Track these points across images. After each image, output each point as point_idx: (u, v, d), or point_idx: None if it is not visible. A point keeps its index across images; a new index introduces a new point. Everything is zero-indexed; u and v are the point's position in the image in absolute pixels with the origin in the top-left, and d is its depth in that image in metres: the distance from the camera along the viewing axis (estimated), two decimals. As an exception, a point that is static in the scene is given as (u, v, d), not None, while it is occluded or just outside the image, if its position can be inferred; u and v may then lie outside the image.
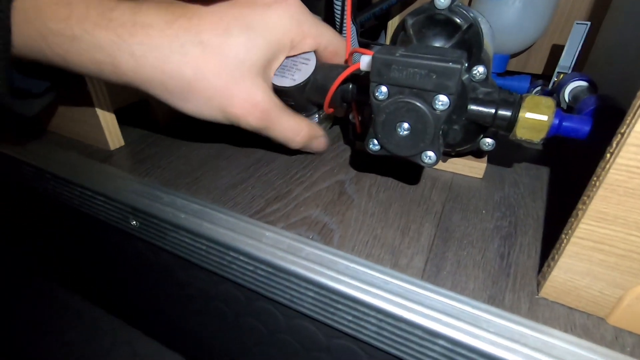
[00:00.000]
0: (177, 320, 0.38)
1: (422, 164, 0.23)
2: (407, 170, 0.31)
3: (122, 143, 0.36)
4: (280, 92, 0.28)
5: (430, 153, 0.22)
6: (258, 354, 0.32)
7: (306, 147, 0.30)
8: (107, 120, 0.34)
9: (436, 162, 0.23)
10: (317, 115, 0.33)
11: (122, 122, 0.35)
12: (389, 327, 0.20)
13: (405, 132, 0.22)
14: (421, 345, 0.20)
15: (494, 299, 0.20)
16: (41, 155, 0.34)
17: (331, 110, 0.30)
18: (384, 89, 0.22)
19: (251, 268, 0.24)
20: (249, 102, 0.25)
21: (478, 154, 0.31)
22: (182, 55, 0.23)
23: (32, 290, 0.63)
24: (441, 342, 0.19)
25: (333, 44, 0.29)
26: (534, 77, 0.43)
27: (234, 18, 0.24)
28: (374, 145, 0.24)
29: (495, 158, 0.33)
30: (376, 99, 0.22)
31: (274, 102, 0.27)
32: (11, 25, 0.22)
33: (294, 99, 0.29)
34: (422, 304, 0.19)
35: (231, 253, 0.24)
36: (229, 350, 0.35)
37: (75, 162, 0.33)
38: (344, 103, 0.29)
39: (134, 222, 0.29)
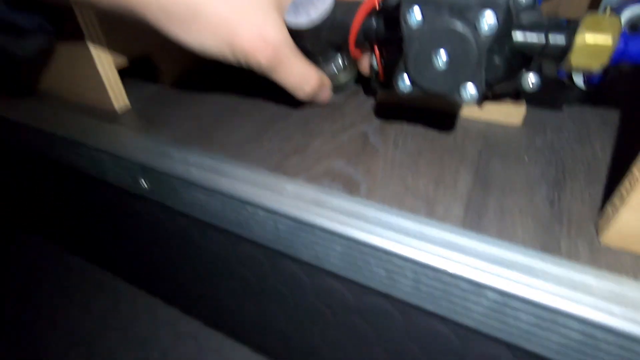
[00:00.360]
0: (198, 286, 0.37)
1: (461, 100, 0.20)
2: (436, 119, 0.29)
3: (127, 102, 0.33)
4: (295, 33, 0.25)
5: (471, 87, 0.20)
6: (283, 319, 0.31)
7: (312, 99, 0.28)
8: (109, 77, 0.32)
9: (477, 97, 0.20)
10: (335, 63, 0.30)
11: (127, 85, 0.33)
12: (427, 281, 0.18)
13: (443, 63, 0.19)
14: (465, 299, 0.18)
15: (548, 247, 0.18)
16: (44, 118, 0.32)
17: (358, 53, 0.27)
18: (417, 11, 0.19)
19: (271, 223, 0.22)
20: (260, 37, 0.22)
21: (516, 96, 0.28)
22: None
23: (51, 261, 0.63)
24: (489, 294, 0.17)
25: None
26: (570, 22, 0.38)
27: None
28: (405, 83, 0.21)
29: (532, 102, 0.30)
30: (408, 25, 0.19)
31: (288, 41, 0.24)
32: None
33: (310, 40, 0.26)
34: (466, 253, 0.17)
35: (248, 207, 0.22)
36: (252, 316, 0.34)
37: (80, 123, 0.31)
38: (366, 42, 0.26)
39: (144, 183, 0.27)
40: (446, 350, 0.21)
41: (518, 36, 0.21)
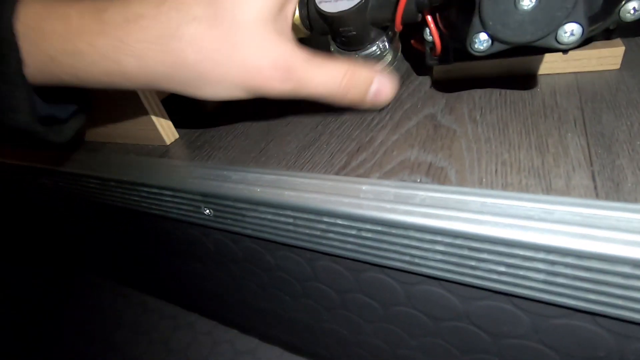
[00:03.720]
0: (269, 310, 0.35)
1: (560, 46, 0.16)
2: (510, 84, 0.25)
3: (177, 136, 0.33)
4: (335, 20, 0.23)
5: (572, 26, 0.16)
6: (372, 335, 0.28)
7: (366, 98, 0.22)
8: (157, 113, 0.31)
9: (582, 37, 0.16)
10: (378, 44, 0.27)
11: (172, 114, 0.32)
12: (567, 272, 0.14)
13: (532, 3, 0.16)
14: (625, 288, 0.14)
15: None
16: (100, 164, 0.33)
17: (400, 27, 0.24)
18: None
19: (353, 232, 0.19)
20: (263, 66, 0.20)
21: (607, 34, 0.23)
22: (179, 39, 0.20)
23: (126, 303, 0.66)
24: (666, 277, 0.13)
25: None
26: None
27: None
28: (482, 42, 0.18)
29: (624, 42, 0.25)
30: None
31: (295, 53, 0.21)
32: (20, 53, 0.20)
33: (353, 24, 0.23)
34: (620, 230, 0.13)
35: (325, 219, 0.20)
36: (337, 335, 0.32)
37: (134, 163, 0.31)
38: (419, 14, 0.23)
39: (208, 211, 0.26)
40: (599, 350, 0.17)
41: (617, -46, 0.17)
